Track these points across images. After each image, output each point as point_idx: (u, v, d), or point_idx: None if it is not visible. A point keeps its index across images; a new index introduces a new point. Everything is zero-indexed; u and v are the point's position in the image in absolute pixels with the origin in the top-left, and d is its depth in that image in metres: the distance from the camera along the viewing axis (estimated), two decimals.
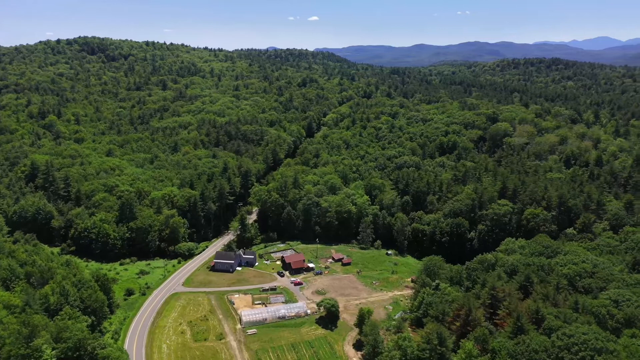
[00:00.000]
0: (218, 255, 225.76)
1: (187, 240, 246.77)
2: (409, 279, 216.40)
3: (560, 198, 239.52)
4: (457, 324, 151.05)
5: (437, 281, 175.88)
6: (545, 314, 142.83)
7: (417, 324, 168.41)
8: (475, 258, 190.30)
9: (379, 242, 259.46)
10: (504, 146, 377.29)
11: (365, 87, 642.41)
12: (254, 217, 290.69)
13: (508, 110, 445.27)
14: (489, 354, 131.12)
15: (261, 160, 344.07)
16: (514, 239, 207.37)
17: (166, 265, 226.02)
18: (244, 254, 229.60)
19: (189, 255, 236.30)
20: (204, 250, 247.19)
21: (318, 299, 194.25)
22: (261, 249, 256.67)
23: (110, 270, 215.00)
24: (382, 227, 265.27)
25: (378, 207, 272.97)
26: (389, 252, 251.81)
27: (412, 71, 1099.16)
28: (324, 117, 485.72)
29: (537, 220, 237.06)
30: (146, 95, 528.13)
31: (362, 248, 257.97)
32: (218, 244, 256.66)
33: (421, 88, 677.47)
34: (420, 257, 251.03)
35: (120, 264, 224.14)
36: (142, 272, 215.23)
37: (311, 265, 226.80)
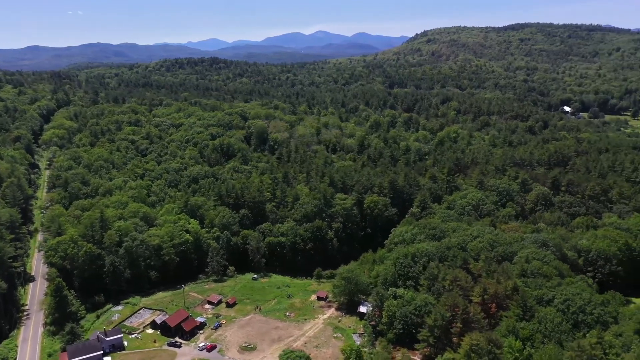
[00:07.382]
0: (72, 351, 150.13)
1: None
2: (313, 298, 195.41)
3: (392, 183, 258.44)
4: (459, 325, 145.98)
5: (392, 289, 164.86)
6: (522, 287, 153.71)
7: (398, 341, 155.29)
8: (394, 255, 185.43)
9: (232, 268, 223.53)
10: (271, 143, 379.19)
11: (54, 95, 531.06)
12: (41, 282, 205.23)
13: (249, 107, 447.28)
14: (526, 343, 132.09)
15: (4, 203, 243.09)
16: (396, 229, 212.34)
17: None
18: (105, 336, 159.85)
19: None
20: (16, 354, 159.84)
21: (256, 356, 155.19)
22: (93, 322, 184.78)
23: None
24: (228, 250, 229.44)
25: (216, 229, 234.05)
26: (255, 276, 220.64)
27: (70, 73, 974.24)
28: (40, 135, 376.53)
29: (379, 206, 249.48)
30: None
31: (215, 280, 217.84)
32: (30, 337, 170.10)
33: (115, 92, 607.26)
34: (283, 272, 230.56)
35: None
36: None
37: (201, 319, 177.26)
